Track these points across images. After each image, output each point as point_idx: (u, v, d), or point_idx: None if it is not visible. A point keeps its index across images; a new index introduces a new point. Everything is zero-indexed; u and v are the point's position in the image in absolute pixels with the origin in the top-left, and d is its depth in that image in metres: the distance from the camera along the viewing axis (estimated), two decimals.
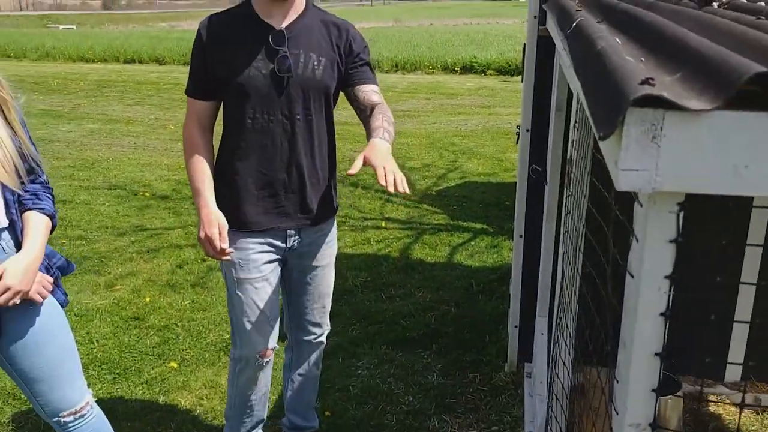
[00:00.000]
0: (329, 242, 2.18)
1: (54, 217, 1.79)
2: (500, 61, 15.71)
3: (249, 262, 2.03)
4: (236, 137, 1.96)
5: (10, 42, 21.47)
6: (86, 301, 3.68)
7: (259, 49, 1.89)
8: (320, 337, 2.31)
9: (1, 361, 1.77)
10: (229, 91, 1.92)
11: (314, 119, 1.98)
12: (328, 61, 1.96)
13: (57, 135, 8.24)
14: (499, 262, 4.25)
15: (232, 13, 1.96)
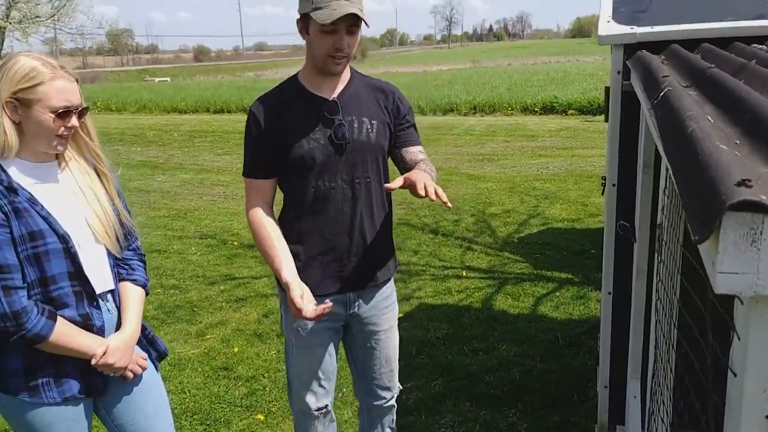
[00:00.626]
0: (390, 305, 2.21)
1: (146, 285, 1.92)
2: (582, 100, 15.48)
3: (308, 329, 2.08)
4: (298, 206, 2.01)
5: (113, 96, 23.15)
6: (179, 350, 3.84)
7: (315, 121, 1.96)
8: (391, 401, 2.32)
9: (103, 415, 1.88)
10: (291, 165, 1.97)
11: (372, 182, 2.04)
12: (380, 124, 2.03)
13: (153, 185, 8.75)
14: (585, 315, 4.12)
15: (282, 90, 2.03)
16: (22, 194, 1.62)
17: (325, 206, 1.99)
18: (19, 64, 1.60)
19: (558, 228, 6.09)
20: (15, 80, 1.59)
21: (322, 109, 1.97)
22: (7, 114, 1.61)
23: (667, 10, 2.64)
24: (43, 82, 1.60)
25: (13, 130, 1.62)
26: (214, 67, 70.18)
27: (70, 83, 1.65)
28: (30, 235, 1.60)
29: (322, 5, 1.82)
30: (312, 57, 1.94)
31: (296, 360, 2.13)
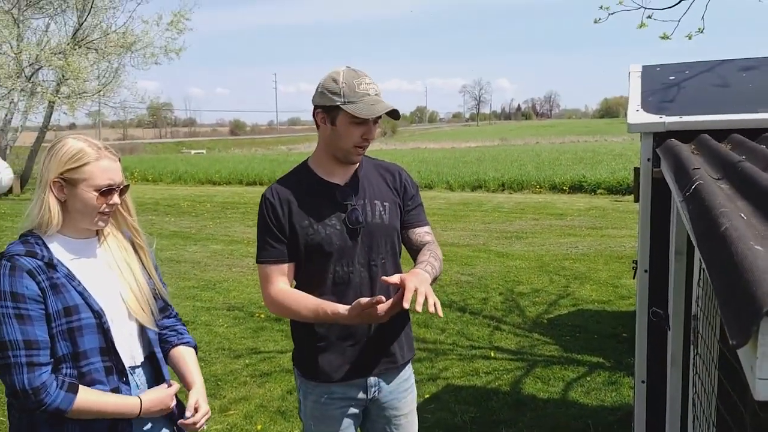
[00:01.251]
0: (409, 388, 2.18)
1: (196, 347, 2.00)
2: (610, 180, 15.51)
3: (327, 417, 2.05)
4: (316, 291, 1.99)
5: (149, 168, 23.90)
6: None
7: (330, 207, 2.00)
8: None
9: None
10: (308, 251, 1.98)
11: (387, 263, 2.05)
12: (391, 205, 2.07)
13: (184, 256, 8.88)
14: (618, 402, 3.98)
15: (294, 179, 2.06)
16: (61, 270, 1.67)
17: (344, 291, 1.99)
18: (67, 146, 1.69)
19: (588, 309, 5.98)
20: (63, 161, 1.68)
21: (335, 195, 2.01)
22: (54, 193, 1.69)
23: (694, 99, 2.68)
24: (89, 163, 1.69)
25: (57, 208, 1.69)
26: (248, 140, 72.35)
27: (114, 162, 1.74)
28: (65, 311, 1.64)
29: (354, 99, 1.89)
30: (333, 147, 1.99)
31: None
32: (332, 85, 1.92)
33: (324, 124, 1.97)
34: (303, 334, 2.07)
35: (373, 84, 1.95)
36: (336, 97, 1.91)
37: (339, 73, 1.94)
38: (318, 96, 1.96)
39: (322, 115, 1.97)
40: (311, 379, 2.05)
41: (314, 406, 2.05)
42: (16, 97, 16.77)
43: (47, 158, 1.71)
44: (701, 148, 2.06)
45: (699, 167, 1.64)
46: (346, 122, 1.92)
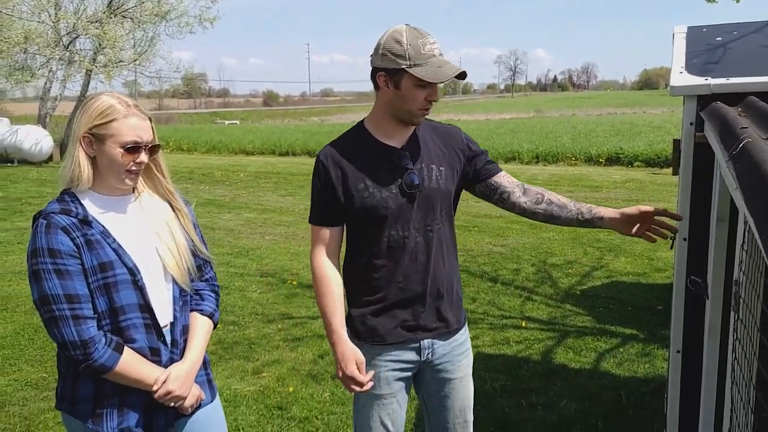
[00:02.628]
0: (464, 352, 2.15)
1: (214, 315, 1.94)
2: (648, 152, 15.17)
3: (380, 379, 2.04)
4: (371, 255, 1.98)
5: (184, 137, 24.17)
6: (235, 386, 3.87)
7: (386, 170, 1.95)
8: None
9: None
10: (363, 215, 1.95)
11: (443, 228, 2.02)
12: (448, 169, 2.02)
13: (218, 223, 9.00)
14: (651, 373, 3.93)
15: (350, 139, 2.02)
16: (96, 227, 1.69)
17: (398, 255, 1.97)
18: (99, 102, 1.70)
19: (623, 281, 5.89)
20: (92, 116, 1.69)
21: (391, 157, 1.97)
22: (83, 148, 1.70)
23: (741, 60, 2.58)
24: (117, 119, 1.69)
25: (87, 163, 1.70)
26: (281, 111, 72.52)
27: (143, 121, 1.73)
28: (100, 266, 1.66)
29: (420, 62, 1.83)
30: (396, 109, 1.94)
31: (366, 410, 2.08)
32: (396, 47, 1.85)
33: (386, 86, 1.91)
34: (357, 296, 2.06)
35: (436, 44, 1.88)
36: (401, 60, 1.84)
37: (401, 33, 1.85)
38: (380, 58, 1.89)
39: (385, 78, 1.90)
40: (364, 340, 2.03)
41: (367, 367, 2.03)
42: (55, 65, 17.06)
43: (80, 113, 1.72)
44: (748, 110, 1.98)
45: (747, 126, 1.57)
46: (411, 85, 1.86)
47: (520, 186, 2.12)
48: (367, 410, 2.07)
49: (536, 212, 2.09)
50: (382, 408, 2.06)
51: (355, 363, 1.95)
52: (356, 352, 1.97)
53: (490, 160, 2.13)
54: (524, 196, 2.09)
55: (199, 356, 1.85)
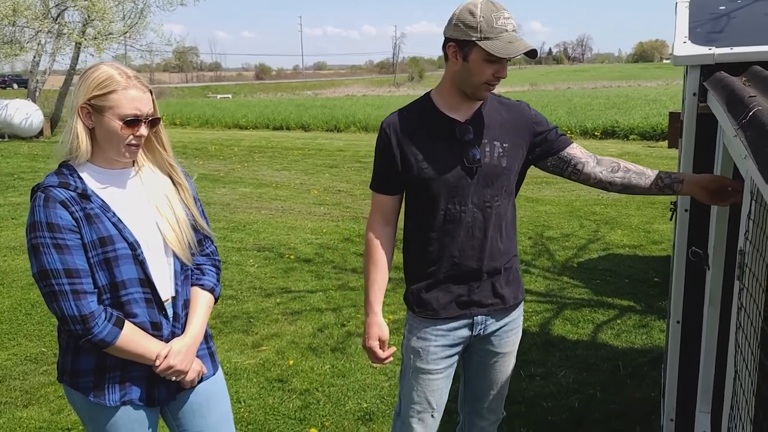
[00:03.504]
0: (515, 329, 2.15)
1: (215, 290, 1.93)
2: (644, 125, 15.14)
3: (429, 353, 2.03)
4: (427, 228, 1.98)
5: (176, 112, 23.96)
6: (235, 360, 3.89)
7: (448, 143, 1.93)
8: (494, 425, 2.26)
9: (169, 420, 1.91)
10: (421, 186, 1.94)
11: (502, 206, 1.99)
12: (512, 146, 1.98)
13: (213, 198, 8.97)
14: (648, 344, 3.97)
15: (415, 109, 2.00)
16: (95, 200, 1.67)
17: (455, 230, 1.95)
18: (98, 72, 1.65)
19: (619, 254, 5.92)
20: (91, 87, 1.64)
21: (454, 131, 1.94)
22: (81, 119, 1.66)
23: (746, 29, 2.55)
24: (116, 90, 1.64)
25: (85, 135, 1.66)
26: (274, 85, 71.87)
27: (143, 93, 1.68)
28: (100, 241, 1.64)
29: (492, 36, 1.80)
30: (461, 82, 1.90)
31: (412, 384, 2.08)
32: (469, 18, 1.81)
33: (455, 58, 1.87)
34: (413, 268, 2.06)
35: (511, 19, 1.84)
36: (472, 32, 1.80)
37: (476, 5, 1.81)
38: (452, 28, 1.85)
39: (454, 49, 1.86)
40: (418, 314, 2.04)
41: (418, 340, 2.04)
42: (43, 38, 16.80)
43: (79, 83, 1.68)
44: (754, 79, 1.96)
45: (755, 95, 1.56)
46: (480, 59, 1.82)
47: (594, 157, 2.07)
48: (412, 383, 2.08)
49: (614, 181, 2.05)
50: (428, 383, 2.06)
51: (378, 340, 2.01)
52: (382, 328, 2.02)
53: (561, 134, 2.08)
54: (599, 166, 2.05)
55: (200, 331, 1.85)
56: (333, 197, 9.06)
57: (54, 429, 3.14)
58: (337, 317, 4.54)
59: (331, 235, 6.90)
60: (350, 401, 3.39)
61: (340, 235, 6.89)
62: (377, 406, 3.32)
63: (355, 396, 3.44)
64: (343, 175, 10.95)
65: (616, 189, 2.08)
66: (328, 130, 19.58)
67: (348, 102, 29.64)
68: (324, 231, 7.07)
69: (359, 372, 3.70)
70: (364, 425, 3.15)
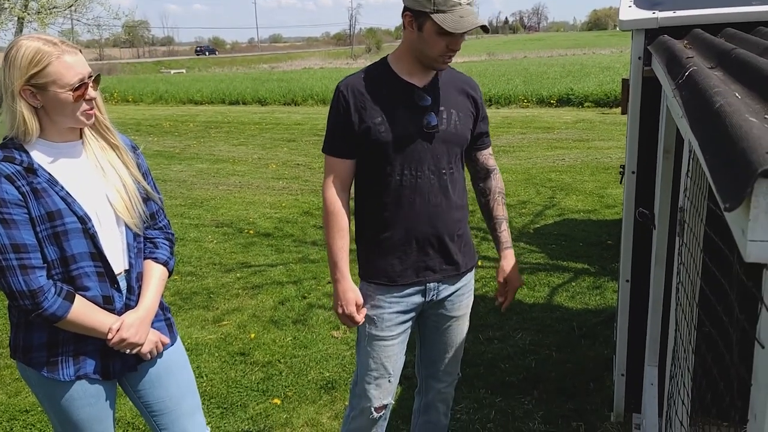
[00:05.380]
0: (467, 294, 2.19)
1: (168, 263, 1.91)
2: (598, 92, 15.37)
3: (383, 320, 2.06)
4: (381, 194, 1.98)
5: (129, 88, 23.29)
6: (196, 335, 3.87)
7: (405, 108, 1.94)
8: (450, 386, 2.31)
9: (130, 393, 1.90)
10: (377, 149, 1.94)
11: (455, 173, 2.02)
12: (466, 117, 2.02)
13: (169, 175, 8.81)
14: (602, 305, 4.10)
15: (373, 73, 2.00)
16: (42, 175, 1.63)
17: (410, 195, 1.96)
18: (23, 49, 1.58)
19: (574, 219, 6.06)
20: (23, 67, 1.58)
21: (412, 96, 1.95)
22: (26, 101, 1.60)
23: None
24: (51, 63, 1.59)
25: (32, 115, 1.62)
26: (229, 59, 70.35)
27: (76, 55, 1.63)
28: (48, 215, 1.62)
29: (445, 9, 1.79)
30: (417, 52, 1.91)
31: (367, 351, 2.11)
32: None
33: (411, 27, 1.88)
34: (365, 234, 2.06)
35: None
36: (427, 3, 1.80)
37: None
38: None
39: (410, 18, 1.87)
40: (370, 280, 2.05)
41: (371, 308, 2.06)
42: None
43: (6, 67, 1.60)
44: (694, 41, 2.02)
45: (692, 56, 1.61)
46: (433, 31, 1.83)
47: (484, 172, 2.19)
48: (368, 350, 2.11)
49: (480, 201, 2.23)
50: (383, 350, 2.09)
51: (355, 304, 2.02)
52: (357, 293, 2.03)
53: (485, 131, 2.15)
54: (481, 182, 2.20)
55: (153, 303, 1.83)
56: (291, 171, 9.00)
57: (12, 411, 3.10)
58: (298, 290, 4.56)
59: (291, 209, 6.87)
60: (312, 371, 3.42)
61: (299, 208, 6.87)
62: (339, 375, 3.36)
63: (317, 366, 3.47)
64: (302, 149, 10.87)
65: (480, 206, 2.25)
66: (286, 103, 19.32)
67: (305, 75, 29.23)
68: (283, 205, 7.03)
69: (321, 342, 3.73)
70: (327, 393, 3.19)
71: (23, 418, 3.04)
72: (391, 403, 2.20)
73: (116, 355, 1.77)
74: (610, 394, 3.00)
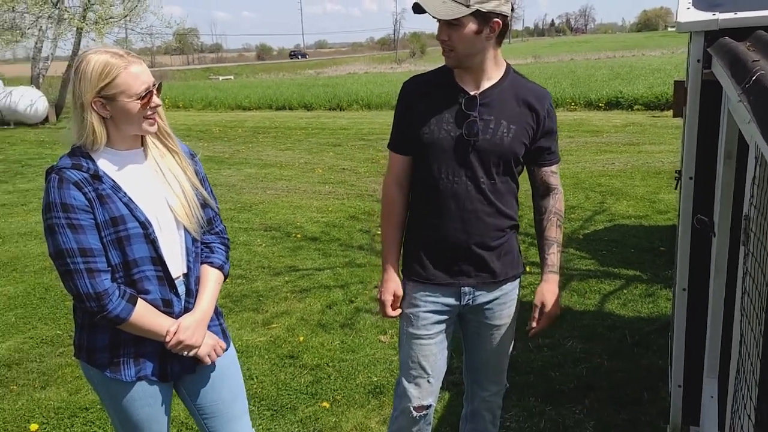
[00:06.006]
0: (508, 303, 2.16)
1: (224, 267, 1.96)
2: (648, 95, 15.02)
3: (419, 318, 2.09)
4: (422, 194, 2.04)
5: (179, 94, 23.87)
6: (246, 337, 3.94)
7: (452, 112, 1.96)
8: (496, 395, 2.30)
9: (183, 396, 1.95)
10: (420, 149, 2.00)
11: (498, 182, 2.00)
12: (519, 129, 1.98)
13: (219, 179, 8.99)
14: (655, 313, 4.00)
15: (434, 75, 2.05)
16: (107, 181, 1.70)
17: (446, 199, 1.99)
18: (92, 63, 1.65)
19: (625, 225, 5.93)
20: (94, 79, 1.65)
21: (461, 101, 1.96)
22: (96, 112, 1.67)
23: None
24: (119, 74, 1.66)
25: (101, 125, 1.69)
26: (276, 65, 71.42)
27: (141, 65, 1.71)
28: (112, 221, 1.67)
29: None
30: None
31: (405, 349, 2.14)
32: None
33: None
34: (409, 233, 2.13)
35: None
36: None
37: None
38: None
39: None
40: (407, 277, 2.12)
41: (409, 306, 2.11)
42: (44, 24, 16.72)
43: (76, 80, 1.68)
44: (758, 43, 1.96)
45: (758, 59, 1.56)
46: None
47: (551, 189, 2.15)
48: (406, 348, 2.14)
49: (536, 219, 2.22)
50: (419, 348, 2.11)
51: (393, 295, 2.08)
52: (398, 284, 2.10)
53: (552, 146, 2.09)
54: (539, 198, 2.18)
55: (209, 307, 1.88)
56: (337, 176, 9.07)
57: (72, 408, 3.21)
58: (345, 294, 4.59)
59: (337, 213, 6.92)
60: (360, 375, 3.44)
61: (346, 213, 6.91)
62: (387, 380, 3.37)
63: (365, 370, 3.49)
64: (347, 154, 10.94)
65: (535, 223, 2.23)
66: (331, 108, 19.50)
67: (350, 80, 29.47)
68: (329, 209, 7.09)
69: (368, 347, 3.74)
70: (375, 398, 3.20)
71: (83, 416, 3.15)
72: (431, 405, 2.19)
73: (174, 358, 1.82)
74: (665, 406, 2.92)
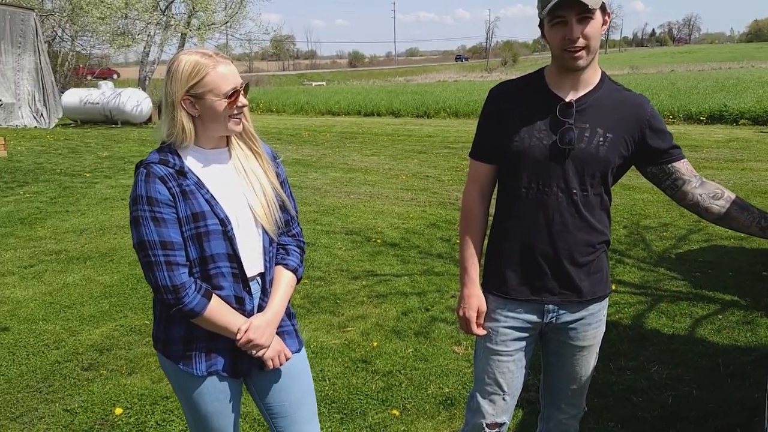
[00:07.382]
0: (594, 324, 2.02)
1: (298, 270, 1.97)
2: (757, 109, 14.12)
3: (498, 333, 2.01)
4: (509, 204, 1.95)
5: (273, 99, 24.66)
6: (321, 339, 3.98)
7: (545, 119, 1.87)
8: (573, 419, 2.19)
9: (253, 394, 1.98)
10: (508, 158, 1.91)
11: (590, 194, 1.89)
12: (617, 138, 1.86)
13: (305, 182, 9.20)
14: (753, 342, 3.72)
15: (523, 81, 1.98)
16: (191, 178, 1.75)
17: (535, 211, 1.89)
18: (183, 63, 1.72)
19: (723, 245, 5.57)
20: (184, 78, 1.71)
21: (555, 109, 1.87)
22: (186, 110, 1.74)
23: None
24: (208, 73, 1.71)
25: (190, 123, 1.75)
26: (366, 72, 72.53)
27: (229, 66, 1.76)
28: (193, 216, 1.72)
29: (545, 1, 1.76)
30: (552, 54, 1.87)
31: (482, 364, 2.07)
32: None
33: (543, 35, 1.87)
34: (491, 243, 2.04)
35: None
36: (539, 5, 1.80)
37: None
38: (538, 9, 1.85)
39: (541, 27, 1.87)
40: (488, 290, 2.03)
41: (489, 320, 2.02)
42: (153, 30, 17.75)
43: (168, 80, 1.75)
44: None
45: None
46: (548, 26, 1.80)
47: (699, 177, 1.93)
48: (482, 363, 2.07)
49: (711, 208, 1.91)
50: (497, 365, 2.03)
51: (477, 310, 2.00)
52: (481, 300, 2.01)
53: (675, 145, 1.94)
54: (701, 188, 1.91)
55: (280, 308, 1.89)
56: (420, 183, 9.06)
57: (154, 396, 3.35)
58: (422, 302, 4.55)
59: (418, 220, 6.90)
60: (432, 385, 3.39)
61: (427, 220, 6.88)
62: (459, 392, 3.31)
63: (437, 380, 3.44)
64: (431, 161, 10.92)
65: (710, 217, 1.93)
66: (418, 116, 19.56)
67: (439, 88, 29.45)
68: (411, 216, 7.09)
69: (442, 357, 3.69)
70: (446, 410, 3.15)
71: (163, 404, 3.28)
72: (505, 423, 2.11)
73: (245, 355, 1.85)
74: None
